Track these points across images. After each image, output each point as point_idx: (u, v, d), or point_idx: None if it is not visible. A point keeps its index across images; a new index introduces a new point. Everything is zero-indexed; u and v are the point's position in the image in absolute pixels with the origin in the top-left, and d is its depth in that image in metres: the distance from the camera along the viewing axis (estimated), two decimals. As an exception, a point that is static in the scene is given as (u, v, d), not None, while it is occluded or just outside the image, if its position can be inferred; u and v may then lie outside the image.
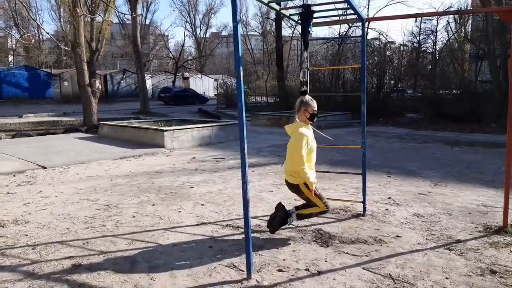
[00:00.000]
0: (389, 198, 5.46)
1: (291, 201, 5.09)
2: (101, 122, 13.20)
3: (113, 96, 38.96)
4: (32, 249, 3.70)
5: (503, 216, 4.23)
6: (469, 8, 31.57)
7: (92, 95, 15.09)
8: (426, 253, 3.58)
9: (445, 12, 17.24)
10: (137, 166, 7.81)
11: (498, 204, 4.96)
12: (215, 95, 38.54)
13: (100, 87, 16.02)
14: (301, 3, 4.23)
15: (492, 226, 4.28)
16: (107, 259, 3.48)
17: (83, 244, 3.82)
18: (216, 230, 4.19)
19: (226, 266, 3.34)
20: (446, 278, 3.10)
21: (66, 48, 8.38)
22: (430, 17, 33.57)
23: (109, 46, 45.07)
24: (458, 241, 3.87)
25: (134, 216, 4.64)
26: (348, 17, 5.63)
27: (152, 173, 7.15)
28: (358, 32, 25.12)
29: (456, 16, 30.48)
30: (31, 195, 5.63)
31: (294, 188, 3.85)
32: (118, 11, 28.95)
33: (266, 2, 3.88)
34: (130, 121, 13.79)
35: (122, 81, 41.77)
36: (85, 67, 15.13)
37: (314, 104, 3.81)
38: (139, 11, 29.33)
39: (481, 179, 6.61)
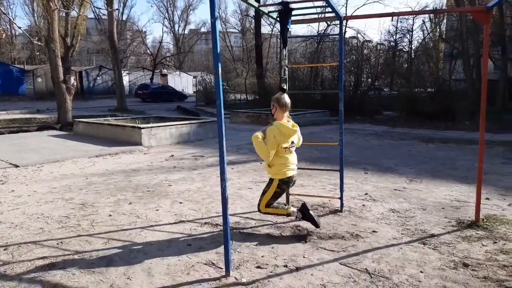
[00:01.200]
0: (366, 194, 5.54)
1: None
2: (76, 120, 12.91)
3: (89, 93, 38.09)
4: (4, 249, 3.59)
5: (475, 210, 4.35)
6: (443, 8, 32.34)
7: (67, 92, 14.71)
8: (401, 248, 3.66)
9: (421, 12, 17.61)
10: (113, 164, 7.67)
11: (471, 199, 5.10)
12: (194, 92, 38.26)
13: (75, 83, 15.63)
14: (280, 0, 4.25)
15: (465, 221, 4.40)
16: (82, 259, 3.41)
17: (57, 244, 3.73)
18: (194, 228, 4.17)
19: (205, 263, 3.32)
20: (421, 271, 3.18)
21: (39, 43, 8.15)
22: (406, 17, 34.23)
23: (85, 42, 44.08)
24: (432, 236, 3.96)
25: (110, 215, 4.56)
26: (327, 15, 5.66)
27: (129, 171, 7.04)
28: (337, 30, 25.38)
29: (432, 15, 31.20)
30: (3, 194, 5.46)
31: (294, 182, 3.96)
32: (93, 6, 28.27)
33: (244, -1, 3.86)
34: (106, 118, 13.54)
35: (98, 78, 40.88)
36: (60, 63, 14.72)
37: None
38: (115, 6, 28.80)
39: (455, 175, 6.80)
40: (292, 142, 3.81)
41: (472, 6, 17.79)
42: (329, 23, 23.96)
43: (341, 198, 4.79)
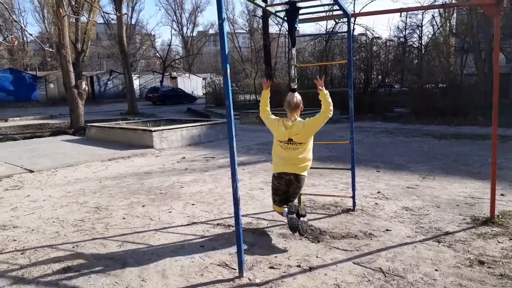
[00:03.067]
0: (378, 192, 5.51)
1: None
2: (88, 124, 13.07)
3: (100, 98, 38.55)
4: (21, 254, 3.65)
5: (490, 207, 4.29)
6: (453, 1, 31.94)
7: (79, 97, 14.91)
8: (415, 246, 3.62)
9: (430, 6, 17.43)
10: (126, 167, 7.75)
11: (485, 196, 5.03)
12: (203, 94, 38.43)
13: (86, 88, 15.83)
14: (287, 0, 4.26)
15: (480, 218, 4.35)
16: (97, 262, 3.45)
17: (73, 247, 3.78)
18: (207, 230, 4.19)
19: (218, 265, 3.34)
20: (436, 270, 3.14)
21: (51, 50, 8.28)
22: (416, 12, 33.91)
23: (95, 47, 44.56)
24: (447, 233, 3.92)
25: (124, 218, 4.61)
26: (335, 13, 5.64)
27: (142, 174, 7.10)
28: (345, 28, 25.24)
29: (441, 10, 30.84)
30: (19, 199, 5.55)
31: (302, 181, 3.88)
32: (102, 11, 28.62)
33: (252, -1, 3.87)
34: (118, 122, 13.68)
35: (109, 82, 41.32)
36: (71, 68, 14.93)
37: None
38: (124, 11, 29.06)
39: (468, 171, 6.71)
40: (290, 140, 3.78)
41: (483, -1, 17.53)
42: (337, 21, 23.84)
43: (353, 197, 4.77)
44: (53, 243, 3.89)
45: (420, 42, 32.49)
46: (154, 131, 9.95)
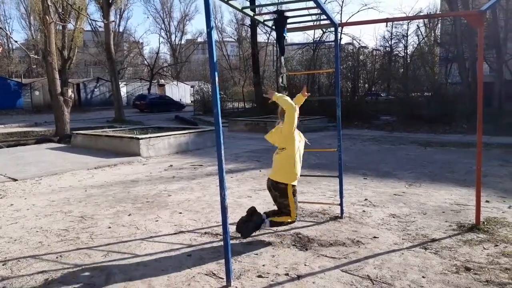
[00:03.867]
0: (366, 199, 5.53)
1: (270, 205, 5.08)
2: (74, 132, 12.89)
3: (87, 105, 38.14)
4: (3, 264, 3.56)
5: (476, 214, 4.35)
6: (437, 12, 32.61)
7: (65, 104, 14.72)
8: (402, 253, 3.64)
9: (415, 17, 17.74)
10: (112, 175, 7.65)
11: (471, 203, 5.10)
12: (191, 101, 38.33)
13: (72, 96, 15.66)
14: (275, 9, 4.29)
15: (465, 224, 4.39)
16: (81, 272, 3.38)
17: (57, 257, 3.70)
18: (194, 238, 4.14)
19: (205, 274, 3.30)
20: (423, 277, 3.16)
21: (35, 57, 8.16)
22: (401, 22, 34.51)
23: (82, 54, 44.25)
24: (433, 240, 3.95)
25: (109, 227, 4.53)
26: (322, 22, 5.71)
27: (128, 182, 7.01)
28: (332, 37, 25.55)
29: (426, 20, 31.45)
30: (2, 208, 5.43)
31: (281, 190, 3.80)
32: (90, 19, 28.44)
33: (240, 8, 3.89)
34: (104, 129, 13.53)
35: (95, 90, 40.95)
36: (57, 75, 14.75)
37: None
38: (112, 18, 28.93)
39: (454, 179, 6.80)
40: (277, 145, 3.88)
41: (466, 10, 17.95)
42: (324, 30, 24.14)
43: (341, 204, 4.78)
44: (36, 254, 3.80)
45: (405, 51, 33.06)
46: (141, 138, 9.86)
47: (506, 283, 3.01)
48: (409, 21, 33.06)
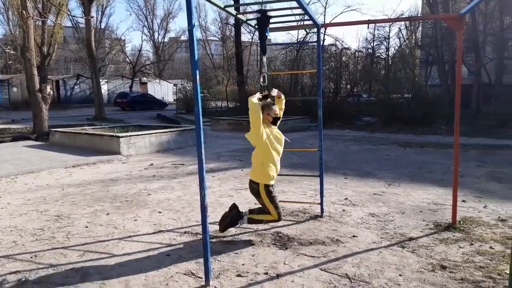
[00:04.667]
0: (346, 199, 5.58)
1: (251, 205, 5.07)
2: (52, 129, 12.61)
3: (66, 102, 37.39)
4: (-27, 265, 3.45)
5: (452, 213, 4.43)
6: (418, 15, 33.19)
7: (43, 101, 14.37)
8: (380, 252, 3.68)
9: (396, 19, 18.02)
10: (91, 174, 7.51)
11: (448, 202, 5.19)
12: (174, 100, 38.00)
13: (51, 92, 15.29)
14: (258, 9, 4.28)
15: (442, 223, 4.47)
16: (56, 272, 3.30)
17: (31, 257, 3.61)
18: (174, 238, 4.10)
19: (184, 274, 3.26)
20: (400, 275, 3.20)
21: (12, 52, 7.95)
22: (383, 24, 35.05)
23: (62, 51, 43.28)
24: (411, 239, 4.01)
25: (86, 227, 4.44)
26: (305, 23, 5.73)
27: (107, 181, 6.90)
28: (315, 38, 25.70)
29: (407, 23, 32.00)
30: (-26, 207, 5.26)
31: (254, 190, 3.83)
32: (70, 15, 27.80)
33: (222, 6, 3.86)
34: (84, 127, 13.28)
35: (76, 87, 40.19)
36: (35, 72, 14.39)
37: (276, 108, 3.86)
38: (93, 15, 28.38)
39: (432, 179, 6.92)
40: None
41: (447, 13, 18.32)
42: (308, 31, 24.27)
43: (321, 204, 4.81)
44: (10, 253, 3.70)
45: (387, 53, 33.58)
46: (122, 137, 9.71)
47: (480, 281, 3.07)
48: (391, 23, 33.60)
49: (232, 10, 4.15)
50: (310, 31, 24.00)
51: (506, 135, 13.02)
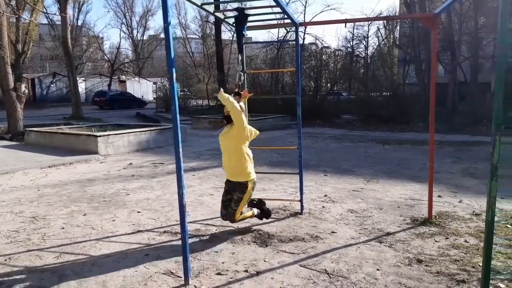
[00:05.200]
0: (325, 195, 5.64)
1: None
2: (27, 129, 12.29)
3: (43, 101, 36.44)
4: None
5: (428, 208, 4.54)
6: (396, 15, 33.72)
7: (17, 100, 13.97)
8: (359, 247, 3.73)
9: (372, 18, 18.24)
10: (67, 174, 7.36)
11: (424, 198, 5.31)
12: (154, 98, 37.56)
13: (26, 91, 14.89)
14: (237, 6, 4.27)
15: (419, 218, 4.57)
16: (32, 275, 3.22)
17: (5, 260, 3.51)
18: (153, 238, 4.05)
19: (163, 273, 3.23)
20: (377, 269, 3.25)
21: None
22: (362, 24, 35.47)
23: (38, 48, 42.19)
24: (388, 234, 4.08)
25: (63, 228, 4.35)
26: (284, 21, 5.73)
27: (84, 181, 6.77)
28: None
29: (386, 22, 32.48)
30: None
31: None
32: (44, 12, 27.03)
33: (199, 4, 3.84)
34: (60, 127, 12.98)
35: (52, 85, 39.23)
36: (9, 70, 13.96)
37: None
38: (70, 12, 27.76)
39: (409, 175, 7.06)
40: None
41: (422, 13, 18.68)
42: (288, 29, 24.36)
43: (301, 201, 4.84)
44: (-18, 257, 3.59)
45: (366, 52, 34.00)
46: (99, 136, 9.54)
47: (455, 274, 3.15)
48: (369, 22, 34.06)
49: (210, 7, 4.12)
50: (291, 30, 24.08)
51: (481, 132, 13.38)
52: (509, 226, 4.25)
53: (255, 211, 4.19)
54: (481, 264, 3.22)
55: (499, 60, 2.38)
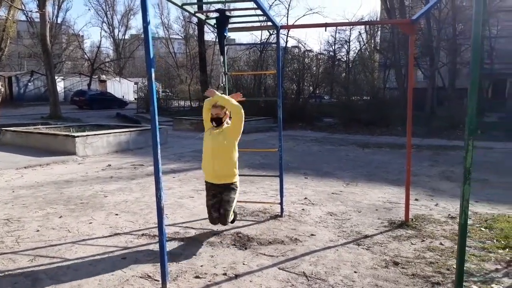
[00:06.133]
0: (305, 198, 5.67)
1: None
2: (3, 128, 11.95)
3: (20, 100, 35.51)
4: None
5: (405, 211, 4.62)
6: (376, 20, 34.30)
7: (-7, 99, 13.61)
8: (337, 249, 3.77)
9: (352, 23, 18.57)
10: (44, 175, 7.19)
11: (402, 201, 5.39)
12: (135, 99, 37.09)
13: (3, 89, 14.51)
14: (218, 8, 4.27)
15: (396, 221, 4.65)
16: (5, 278, 3.13)
17: (-25, 264, 3.40)
18: (130, 240, 4.00)
19: (140, 277, 3.19)
20: (355, 272, 3.29)
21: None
22: (344, 28, 35.93)
23: (15, 46, 41.15)
24: (366, 236, 4.13)
25: (38, 230, 4.25)
26: (265, 24, 5.77)
27: (61, 182, 6.62)
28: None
29: (367, 27, 33.00)
30: None
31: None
32: (22, 9, 26.40)
33: (180, 4, 3.81)
34: (37, 126, 12.68)
35: (29, 84, 38.29)
36: (-16, 67, 13.61)
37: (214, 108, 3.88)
38: (49, 9, 27.19)
39: (388, 178, 7.17)
40: None
41: (401, 19, 19.04)
42: (271, 32, 24.45)
43: (281, 203, 4.86)
44: (-49, 261, 3.46)
45: (347, 56, 34.47)
46: (77, 136, 9.36)
47: (430, 276, 3.22)
48: (351, 27, 34.53)
49: (190, 8, 4.10)
50: (273, 32, 24.19)
51: (458, 136, 13.70)
52: (483, 229, 4.36)
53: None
54: (455, 267, 3.30)
55: (472, 66, 2.45)
